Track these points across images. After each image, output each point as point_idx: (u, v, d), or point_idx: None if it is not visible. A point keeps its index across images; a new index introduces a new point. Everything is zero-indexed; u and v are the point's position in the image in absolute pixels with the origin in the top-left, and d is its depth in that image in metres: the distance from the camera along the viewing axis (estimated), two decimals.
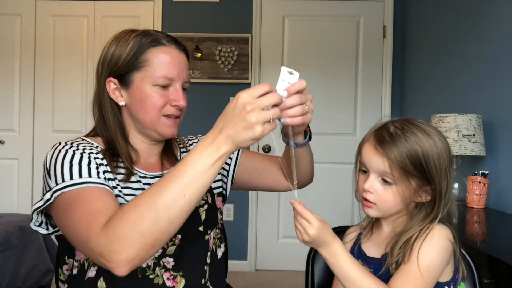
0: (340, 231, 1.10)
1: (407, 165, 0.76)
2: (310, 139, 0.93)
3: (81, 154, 0.82)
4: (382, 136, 0.79)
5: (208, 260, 0.95)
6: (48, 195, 0.78)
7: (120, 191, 0.86)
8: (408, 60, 3.02)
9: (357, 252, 0.87)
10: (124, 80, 0.89)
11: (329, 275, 1.06)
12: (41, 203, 0.79)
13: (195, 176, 0.68)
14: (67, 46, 3.15)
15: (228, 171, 1.06)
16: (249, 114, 0.65)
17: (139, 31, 0.91)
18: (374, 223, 0.89)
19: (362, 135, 3.43)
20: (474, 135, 1.79)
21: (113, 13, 3.14)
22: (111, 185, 0.83)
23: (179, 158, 1.01)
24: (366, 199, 0.82)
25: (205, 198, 0.97)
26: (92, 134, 0.95)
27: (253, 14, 3.09)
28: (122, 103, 0.90)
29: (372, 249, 0.86)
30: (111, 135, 0.90)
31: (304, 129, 0.88)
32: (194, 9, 3.12)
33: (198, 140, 1.09)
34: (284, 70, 0.73)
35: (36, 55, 3.15)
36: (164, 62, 0.87)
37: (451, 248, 0.77)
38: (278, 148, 1.09)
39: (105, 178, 0.83)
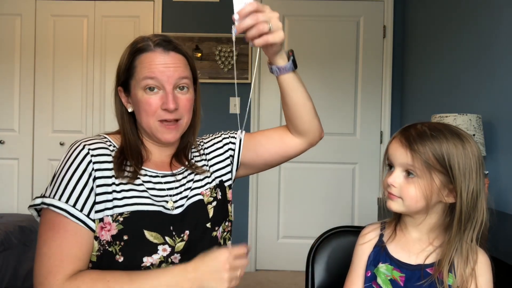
0: (340, 231, 1.10)
1: (429, 158, 0.77)
2: (295, 65, 0.92)
3: (85, 168, 0.84)
4: (409, 132, 0.81)
5: None
6: (38, 201, 0.83)
7: (118, 193, 0.86)
8: (408, 60, 3.02)
9: (383, 254, 0.85)
10: (125, 88, 0.93)
11: (329, 275, 1.06)
12: (32, 203, 0.84)
13: None
14: (67, 46, 3.15)
15: (233, 157, 1.06)
16: (225, 271, 0.79)
17: (137, 38, 0.93)
18: (397, 225, 0.88)
19: (362, 135, 3.43)
20: (474, 135, 1.79)
21: (113, 13, 3.14)
22: (110, 197, 0.86)
23: (189, 157, 1.02)
24: (390, 193, 0.82)
25: (214, 195, 0.98)
26: (117, 131, 0.98)
27: None
28: (130, 110, 0.94)
29: (401, 254, 0.84)
30: (125, 135, 0.94)
31: (278, 51, 0.87)
32: (194, 9, 3.12)
33: (202, 140, 1.09)
34: None
35: (36, 55, 3.15)
36: (145, 65, 0.88)
37: None
38: None
39: (96, 196, 0.84)
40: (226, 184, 1.04)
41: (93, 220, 0.83)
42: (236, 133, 1.09)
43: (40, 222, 0.84)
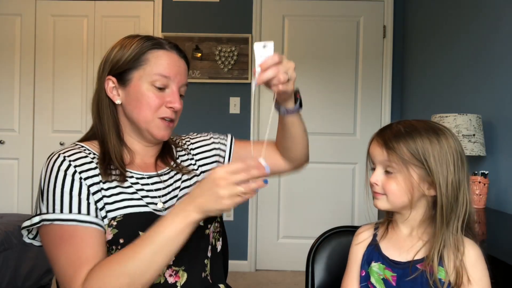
0: (340, 231, 1.10)
1: (404, 154, 0.79)
2: (300, 106, 0.94)
3: (73, 176, 0.82)
4: (385, 132, 0.84)
5: (209, 254, 0.96)
6: (37, 219, 0.81)
7: (108, 197, 0.86)
8: (408, 60, 3.02)
9: (376, 253, 0.86)
10: (122, 79, 0.90)
11: (329, 275, 1.06)
12: (29, 223, 0.82)
13: (165, 242, 0.74)
14: (67, 46, 3.15)
15: (223, 164, 1.07)
16: (221, 188, 0.72)
17: (143, 35, 0.94)
18: (389, 224, 0.89)
19: (362, 135, 3.43)
20: (474, 135, 1.79)
21: (113, 13, 3.14)
22: (101, 204, 0.84)
23: (175, 156, 1.02)
24: (375, 192, 0.85)
25: None
26: (89, 136, 0.97)
27: (253, 14, 3.09)
28: (118, 102, 0.92)
29: (392, 251, 0.85)
30: (105, 134, 0.92)
31: (289, 96, 0.90)
32: (194, 9, 3.12)
33: (190, 139, 1.10)
34: (257, 46, 0.79)
35: (36, 55, 3.15)
36: (162, 62, 0.90)
37: None
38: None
39: (96, 202, 0.83)
40: None
41: (102, 219, 0.83)
42: (226, 139, 1.10)
43: (44, 239, 0.82)
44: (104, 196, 0.85)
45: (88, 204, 0.82)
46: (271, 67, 0.78)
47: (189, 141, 1.09)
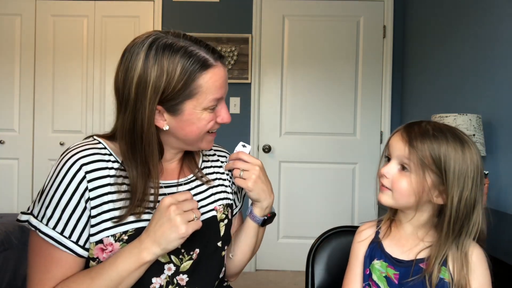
0: (340, 231, 1.10)
1: (426, 157, 0.77)
2: (263, 224, 0.97)
3: (77, 186, 0.77)
4: (412, 128, 0.81)
5: (220, 275, 0.94)
6: (25, 218, 0.79)
7: (118, 210, 0.80)
8: (408, 60, 3.02)
9: (378, 251, 0.85)
10: (172, 108, 0.81)
11: (329, 275, 1.06)
12: (20, 217, 0.81)
13: (118, 278, 0.75)
14: (67, 46, 3.15)
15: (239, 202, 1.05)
16: (174, 215, 0.74)
17: (180, 45, 0.79)
18: (392, 221, 0.88)
19: (362, 135, 3.42)
20: (474, 135, 1.79)
21: (113, 13, 3.14)
22: (108, 216, 0.79)
23: (200, 166, 0.97)
24: (382, 185, 0.83)
25: (226, 213, 0.95)
26: (110, 134, 0.87)
27: (253, 14, 3.09)
28: (166, 128, 0.83)
29: (395, 249, 0.84)
30: (140, 160, 0.81)
31: (255, 199, 0.94)
32: (194, 9, 3.12)
33: (214, 152, 1.03)
34: (240, 144, 0.97)
35: (36, 55, 3.15)
36: (215, 84, 0.81)
37: None
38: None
39: (90, 216, 0.79)
40: (235, 211, 1.01)
41: (83, 246, 0.78)
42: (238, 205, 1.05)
43: (29, 240, 0.80)
44: (113, 209, 0.79)
45: (75, 226, 0.77)
46: (234, 159, 0.92)
47: (212, 153, 1.03)
